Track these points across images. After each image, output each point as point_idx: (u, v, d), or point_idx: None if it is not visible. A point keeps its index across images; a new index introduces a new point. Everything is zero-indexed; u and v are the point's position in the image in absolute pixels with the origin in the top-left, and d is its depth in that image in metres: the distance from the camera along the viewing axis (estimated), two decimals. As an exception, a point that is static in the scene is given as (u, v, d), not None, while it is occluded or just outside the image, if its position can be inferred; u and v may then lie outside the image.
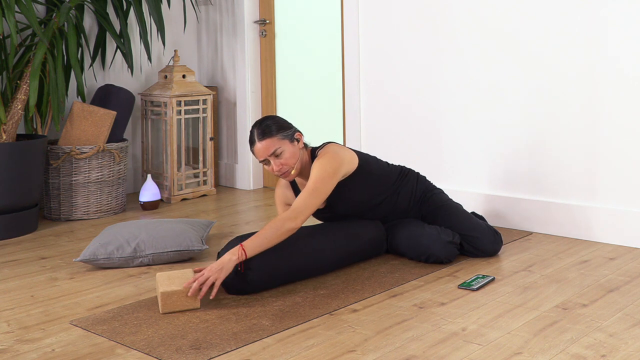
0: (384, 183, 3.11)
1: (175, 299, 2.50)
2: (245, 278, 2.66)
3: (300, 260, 2.80)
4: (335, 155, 2.89)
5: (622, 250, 3.24)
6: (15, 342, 2.32)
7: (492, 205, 3.72)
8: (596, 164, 3.38)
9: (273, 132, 2.84)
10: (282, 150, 2.84)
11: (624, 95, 3.27)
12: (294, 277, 2.81)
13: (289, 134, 2.88)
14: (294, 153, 2.87)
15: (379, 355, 2.15)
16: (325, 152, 2.90)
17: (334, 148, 2.94)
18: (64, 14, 3.85)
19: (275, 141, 2.84)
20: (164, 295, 2.49)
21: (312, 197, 2.77)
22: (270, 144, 2.83)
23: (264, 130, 2.84)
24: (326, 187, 2.81)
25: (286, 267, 2.76)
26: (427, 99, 3.94)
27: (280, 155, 2.85)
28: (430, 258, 3.03)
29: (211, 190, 4.72)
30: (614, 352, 2.13)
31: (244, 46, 4.83)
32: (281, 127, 2.86)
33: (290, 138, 2.88)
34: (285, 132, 2.87)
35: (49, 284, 2.92)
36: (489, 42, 3.68)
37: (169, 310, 2.51)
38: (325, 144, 2.99)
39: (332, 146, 2.95)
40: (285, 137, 2.86)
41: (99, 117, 4.09)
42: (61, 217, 4.03)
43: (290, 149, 2.86)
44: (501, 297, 2.65)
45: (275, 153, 2.84)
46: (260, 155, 2.85)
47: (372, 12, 4.14)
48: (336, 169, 2.86)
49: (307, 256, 2.83)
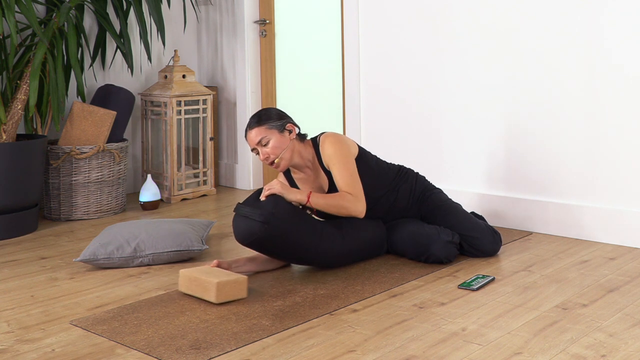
0: (383, 178, 3.14)
1: (229, 289, 2.60)
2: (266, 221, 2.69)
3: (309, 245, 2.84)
4: (337, 138, 3.01)
5: (622, 250, 3.24)
6: (15, 342, 2.32)
7: (492, 205, 3.72)
8: (596, 164, 3.38)
9: (262, 122, 2.93)
10: (269, 140, 2.92)
11: (624, 96, 3.27)
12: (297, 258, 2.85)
13: (279, 125, 2.95)
14: (280, 143, 2.93)
15: (379, 355, 2.15)
16: (328, 141, 2.99)
17: (333, 133, 3.05)
18: (64, 14, 3.85)
19: (262, 130, 2.92)
20: (220, 284, 2.57)
21: (356, 182, 2.94)
22: (258, 132, 2.93)
23: (255, 119, 2.95)
24: (353, 165, 2.97)
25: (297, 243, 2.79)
26: (427, 99, 3.94)
27: (267, 145, 2.93)
28: (430, 258, 3.03)
29: (211, 190, 4.72)
30: (614, 352, 2.13)
31: (244, 46, 4.83)
32: (272, 117, 2.95)
33: (279, 128, 2.94)
34: (275, 122, 2.94)
35: (49, 284, 2.92)
36: (489, 42, 3.68)
37: (222, 300, 2.59)
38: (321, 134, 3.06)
39: (331, 133, 3.05)
40: (274, 127, 2.94)
41: (99, 117, 4.09)
42: (61, 217, 4.03)
43: (277, 139, 2.93)
44: (501, 297, 2.65)
45: (261, 142, 2.93)
46: (250, 143, 2.96)
47: (372, 12, 4.14)
48: (347, 151, 3.00)
49: (318, 246, 2.86)
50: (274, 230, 2.71)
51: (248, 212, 2.71)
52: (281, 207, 2.75)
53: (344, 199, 2.90)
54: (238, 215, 2.76)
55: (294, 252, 2.81)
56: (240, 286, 2.64)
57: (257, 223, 2.69)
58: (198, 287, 2.64)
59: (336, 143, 2.99)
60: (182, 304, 2.62)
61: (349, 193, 2.92)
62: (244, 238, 2.73)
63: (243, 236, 2.72)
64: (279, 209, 2.73)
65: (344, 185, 2.93)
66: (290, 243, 2.78)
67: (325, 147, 2.99)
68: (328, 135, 3.02)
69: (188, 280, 2.69)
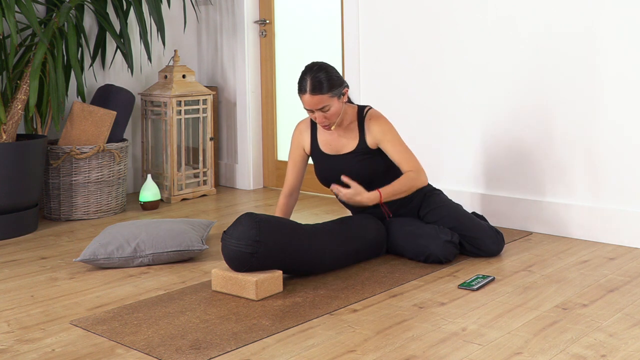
0: (392, 169, 3.19)
1: (267, 285, 2.67)
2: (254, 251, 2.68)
3: (302, 255, 2.81)
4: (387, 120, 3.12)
5: (622, 250, 3.24)
6: (15, 342, 2.32)
7: (492, 205, 3.72)
8: (596, 164, 3.38)
9: (324, 89, 2.95)
10: (329, 107, 2.99)
11: (624, 96, 3.27)
12: (295, 269, 2.83)
13: (339, 92, 3.00)
14: (338, 109, 3.02)
15: (379, 355, 2.15)
16: (379, 117, 3.10)
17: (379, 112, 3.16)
18: (64, 14, 3.85)
19: (325, 98, 2.96)
20: (259, 282, 2.64)
21: (413, 155, 3.07)
22: (320, 100, 2.96)
23: (315, 84, 2.95)
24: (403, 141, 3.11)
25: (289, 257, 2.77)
26: (427, 99, 3.94)
27: (327, 111, 2.99)
28: (429, 258, 3.03)
29: (211, 190, 4.72)
30: (614, 352, 2.13)
31: (244, 46, 4.83)
32: (333, 85, 2.97)
33: (339, 95, 3.01)
34: (336, 90, 2.99)
35: (49, 284, 2.92)
36: (491, 41, 3.68)
37: (262, 296, 2.66)
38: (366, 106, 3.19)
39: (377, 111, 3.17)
40: (335, 95, 2.99)
41: (99, 117, 4.09)
42: (61, 217, 4.03)
43: (337, 105, 3.01)
44: (501, 297, 2.65)
45: (323, 109, 2.99)
46: (308, 106, 2.99)
47: (372, 12, 4.14)
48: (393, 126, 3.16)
49: (309, 252, 2.83)
50: (265, 255, 2.70)
51: (234, 244, 2.68)
52: (264, 230, 2.71)
53: (409, 178, 3.03)
54: (226, 246, 2.72)
55: (291, 265, 2.81)
56: (277, 281, 2.71)
57: (245, 254, 2.67)
58: (235, 286, 2.69)
59: (387, 124, 3.09)
60: (182, 304, 2.62)
61: (410, 170, 3.04)
62: (237, 268, 2.72)
63: (236, 267, 2.71)
64: (263, 234, 2.69)
65: (403, 160, 3.06)
66: (284, 258, 2.77)
67: (376, 123, 3.09)
68: (377, 113, 3.12)
69: (223, 279, 2.72)
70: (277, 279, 2.72)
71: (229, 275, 2.71)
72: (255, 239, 2.67)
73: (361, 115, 3.14)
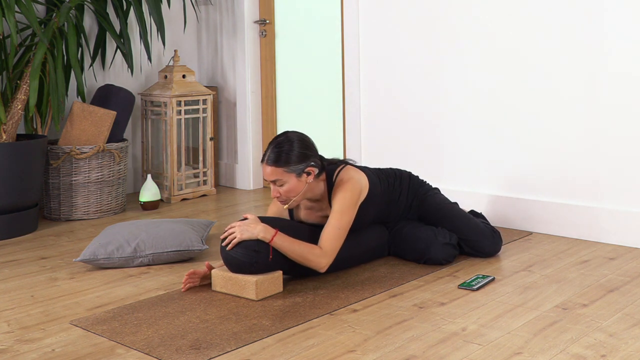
0: (388, 196, 3.11)
1: (267, 285, 2.68)
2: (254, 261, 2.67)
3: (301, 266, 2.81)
4: (353, 184, 2.85)
5: (622, 250, 3.24)
6: (15, 342, 2.32)
7: (493, 205, 3.72)
8: (596, 164, 3.38)
9: (281, 163, 2.75)
10: (284, 183, 2.77)
11: (624, 96, 3.27)
12: (295, 273, 2.84)
13: (299, 169, 2.77)
14: (295, 187, 2.78)
15: (379, 355, 2.15)
16: (344, 182, 2.85)
17: (351, 174, 2.88)
18: (64, 14, 3.85)
19: (280, 172, 2.75)
20: (259, 282, 2.64)
21: (339, 238, 2.78)
22: (274, 172, 2.76)
23: (276, 155, 2.76)
24: (350, 218, 2.81)
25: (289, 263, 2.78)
26: (427, 99, 3.94)
27: (282, 186, 2.79)
28: (429, 261, 3.03)
29: (211, 190, 4.72)
30: (614, 352, 2.13)
31: (244, 46, 4.83)
32: (291, 160, 2.76)
33: (298, 173, 2.77)
34: (296, 166, 2.76)
35: (49, 284, 2.92)
36: (489, 44, 3.68)
37: (262, 296, 2.66)
38: (341, 165, 2.93)
39: (349, 171, 2.89)
40: (293, 172, 2.76)
41: (99, 117, 4.09)
42: (61, 217, 4.03)
43: (293, 183, 2.78)
44: (501, 297, 2.65)
45: (276, 183, 2.78)
46: (264, 175, 2.80)
47: (372, 12, 4.14)
48: (356, 201, 2.84)
49: None
50: (265, 264, 2.70)
51: (232, 252, 2.68)
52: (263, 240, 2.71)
53: (311, 252, 2.72)
54: (226, 257, 2.71)
55: (292, 270, 2.81)
56: (277, 281, 2.72)
57: (245, 263, 2.67)
58: (235, 286, 2.69)
59: (347, 191, 2.81)
60: (182, 304, 2.62)
61: (320, 248, 2.74)
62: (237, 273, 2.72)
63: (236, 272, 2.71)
64: (262, 244, 2.69)
65: (325, 237, 2.76)
66: (284, 264, 2.77)
67: (339, 190, 2.83)
68: (344, 177, 2.87)
69: (223, 279, 2.72)
70: (277, 279, 2.72)
71: (229, 276, 2.72)
72: (255, 249, 2.67)
73: (330, 182, 2.90)
